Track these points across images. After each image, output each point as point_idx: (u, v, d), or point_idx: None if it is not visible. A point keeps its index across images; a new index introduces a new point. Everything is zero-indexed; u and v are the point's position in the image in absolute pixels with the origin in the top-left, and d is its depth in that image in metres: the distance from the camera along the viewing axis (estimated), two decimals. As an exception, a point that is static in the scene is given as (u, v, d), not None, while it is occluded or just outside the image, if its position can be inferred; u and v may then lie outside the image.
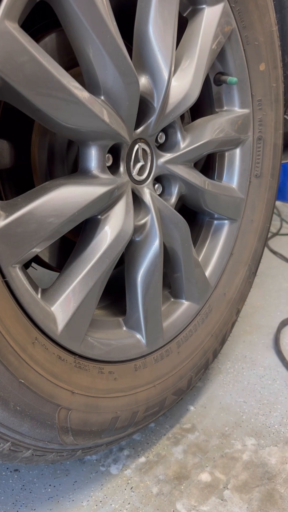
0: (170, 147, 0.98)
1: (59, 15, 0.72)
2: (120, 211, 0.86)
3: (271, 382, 1.33)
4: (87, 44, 0.74)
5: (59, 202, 0.75)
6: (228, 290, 1.21)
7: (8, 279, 0.71)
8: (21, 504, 0.97)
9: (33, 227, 0.72)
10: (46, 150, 0.91)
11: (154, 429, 1.17)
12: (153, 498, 0.99)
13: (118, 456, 1.09)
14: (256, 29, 1.06)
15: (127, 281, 0.96)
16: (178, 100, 0.92)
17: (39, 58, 0.66)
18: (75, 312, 0.82)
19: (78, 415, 0.87)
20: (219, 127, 1.05)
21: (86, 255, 0.84)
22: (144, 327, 0.97)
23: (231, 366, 1.40)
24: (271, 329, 1.59)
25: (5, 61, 0.62)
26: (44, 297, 0.80)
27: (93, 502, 0.98)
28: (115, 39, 0.75)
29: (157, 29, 0.84)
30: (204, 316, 1.15)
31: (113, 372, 0.93)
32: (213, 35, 0.97)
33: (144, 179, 0.93)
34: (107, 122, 0.78)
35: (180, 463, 1.07)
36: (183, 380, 1.12)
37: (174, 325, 1.07)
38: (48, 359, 0.79)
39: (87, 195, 0.79)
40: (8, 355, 0.72)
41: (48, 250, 0.99)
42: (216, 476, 1.04)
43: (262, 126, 1.17)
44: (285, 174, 2.93)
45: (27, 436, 0.80)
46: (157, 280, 0.97)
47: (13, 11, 0.63)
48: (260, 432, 1.16)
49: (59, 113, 0.72)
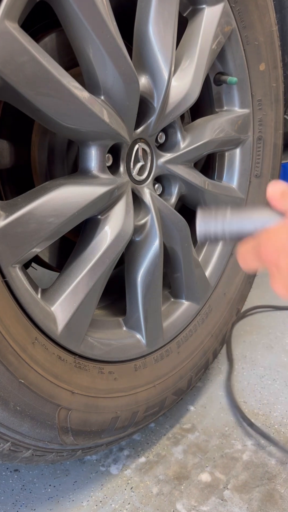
0: (170, 147, 0.98)
1: (59, 15, 0.72)
2: (120, 211, 0.86)
3: (271, 382, 1.33)
4: (87, 44, 0.74)
5: (59, 202, 0.75)
6: (228, 290, 1.21)
7: (8, 279, 0.71)
8: (21, 504, 0.97)
9: (33, 227, 0.72)
10: (46, 150, 0.91)
11: (154, 429, 1.17)
12: (153, 498, 0.98)
13: (118, 456, 1.09)
14: (256, 29, 1.06)
15: (127, 281, 0.96)
16: (178, 100, 0.92)
17: (39, 58, 0.66)
18: (75, 312, 0.82)
19: (78, 415, 0.87)
20: (219, 127, 1.05)
21: (86, 255, 0.84)
22: (144, 327, 0.97)
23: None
24: (271, 329, 1.59)
25: (5, 61, 0.62)
26: (44, 297, 0.80)
27: (93, 502, 0.98)
28: (115, 39, 0.75)
29: (157, 29, 0.84)
30: (204, 316, 1.15)
31: (113, 372, 0.93)
32: (213, 35, 0.97)
33: (144, 179, 0.93)
34: (107, 122, 0.78)
35: (180, 463, 1.07)
36: (183, 380, 1.12)
37: (174, 325, 1.07)
38: (48, 359, 0.79)
39: (87, 195, 0.79)
40: (8, 355, 0.72)
41: (48, 250, 1.00)
42: (216, 476, 1.04)
43: (262, 126, 1.17)
44: (285, 174, 2.93)
45: (27, 436, 0.80)
46: (157, 280, 0.97)
47: (13, 11, 0.63)
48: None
49: (59, 113, 0.72)
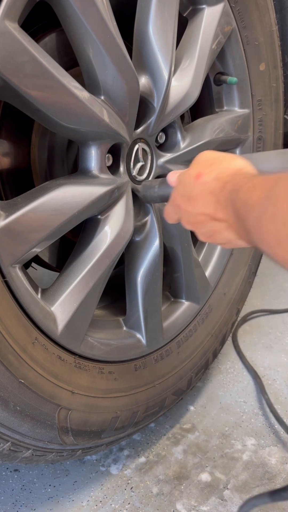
0: (170, 147, 0.98)
1: (59, 15, 0.72)
2: (120, 211, 0.86)
3: (271, 382, 1.33)
4: (87, 44, 0.74)
5: (59, 202, 0.75)
6: (228, 290, 1.21)
7: (8, 279, 0.71)
8: (21, 504, 0.97)
9: (33, 227, 0.72)
10: (46, 150, 0.91)
11: (154, 429, 1.17)
12: (153, 498, 0.98)
13: (118, 456, 1.09)
14: (256, 29, 1.06)
15: (127, 281, 0.96)
16: (178, 100, 0.92)
17: (39, 58, 0.66)
18: (75, 312, 0.82)
19: (78, 415, 0.87)
20: (219, 127, 1.05)
21: (86, 255, 0.84)
22: (144, 327, 0.97)
23: (231, 366, 1.40)
24: (271, 329, 1.59)
25: (5, 61, 0.62)
26: (44, 297, 0.80)
27: (93, 502, 0.98)
28: (115, 39, 0.75)
29: (157, 29, 0.84)
30: (204, 316, 1.15)
31: (113, 372, 0.93)
32: (213, 35, 0.97)
33: (144, 179, 0.93)
34: (107, 122, 0.78)
35: (180, 463, 1.07)
36: (183, 380, 1.12)
37: (174, 325, 1.07)
38: (48, 359, 0.79)
39: (87, 195, 0.79)
40: (8, 355, 0.72)
41: (48, 250, 0.99)
42: (216, 476, 1.04)
43: (262, 126, 1.17)
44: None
45: (27, 436, 0.80)
46: (157, 280, 0.97)
47: (13, 11, 0.63)
48: (260, 432, 1.16)
49: (59, 113, 0.72)
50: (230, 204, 0.56)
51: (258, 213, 0.46)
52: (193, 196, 0.64)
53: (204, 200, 0.62)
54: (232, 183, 0.57)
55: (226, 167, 0.62)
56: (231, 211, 0.56)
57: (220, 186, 0.59)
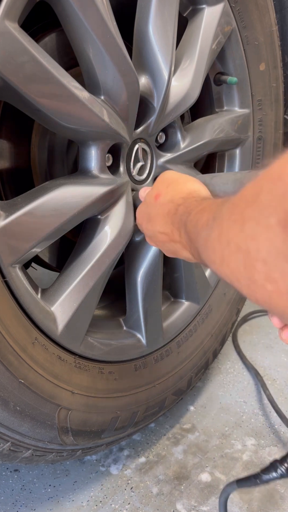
0: (170, 147, 0.98)
1: (59, 15, 0.72)
2: (120, 211, 0.86)
3: (271, 382, 1.33)
4: (87, 44, 0.74)
5: (59, 202, 0.75)
6: (228, 290, 1.21)
7: (8, 279, 0.71)
8: (21, 504, 0.97)
9: (33, 227, 0.72)
10: (46, 150, 0.91)
11: (154, 429, 1.17)
12: (153, 498, 0.98)
13: (118, 456, 1.09)
14: (256, 29, 1.06)
15: (127, 281, 0.96)
16: (178, 100, 0.92)
17: (39, 58, 0.66)
18: (75, 312, 0.82)
19: (78, 415, 0.87)
20: (219, 127, 1.05)
21: (86, 255, 0.84)
22: (144, 327, 0.97)
23: (231, 366, 1.40)
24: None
25: (5, 61, 0.62)
26: (44, 297, 0.80)
27: (93, 502, 0.98)
28: (115, 39, 0.75)
29: (157, 29, 0.84)
30: (204, 316, 1.15)
31: (113, 372, 0.93)
32: (213, 35, 0.97)
33: (144, 179, 0.93)
34: (107, 122, 0.78)
35: (180, 463, 1.07)
36: (183, 380, 1.12)
37: (174, 325, 1.07)
38: (48, 359, 0.79)
39: (87, 195, 0.79)
40: (8, 355, 0.72)
41: (48, 250, 0.99)
42: (216, 476, 1.04)
43: (262, 126, 1.17)
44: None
45: (27, 436, 0.80)
46: (157, 280, 0.97)
47: (13, 11, 0.63)
48: (260, 432, 1.16)
49: (59, 113, 0.72)
50: (183, 226, 0.58)
51: (205, 234, 0.48)
52: (153, 216, 0.68)
53: (162, 221, 0.65)
54: (184, 205, 0.60)
55: (180, 189, 0.65)
56: (184, 233, 0.58)
57: (174, 209, 0.62)
